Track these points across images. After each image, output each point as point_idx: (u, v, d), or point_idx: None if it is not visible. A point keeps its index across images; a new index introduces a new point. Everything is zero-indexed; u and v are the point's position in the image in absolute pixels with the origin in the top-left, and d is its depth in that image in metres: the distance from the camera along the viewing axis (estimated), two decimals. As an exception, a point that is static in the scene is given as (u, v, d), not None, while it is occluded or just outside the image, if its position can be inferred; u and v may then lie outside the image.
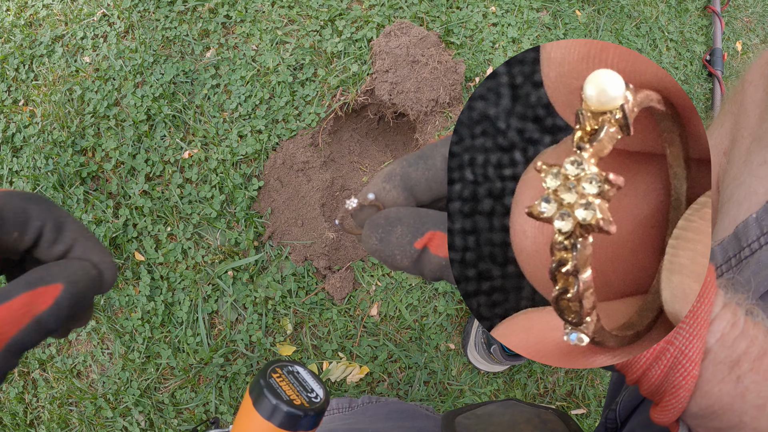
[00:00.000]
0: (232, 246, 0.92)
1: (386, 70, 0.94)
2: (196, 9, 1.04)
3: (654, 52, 1.18)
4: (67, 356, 0.92)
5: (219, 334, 0.91)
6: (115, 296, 0.91)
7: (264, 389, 0.33)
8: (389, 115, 0.99)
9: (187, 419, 0.90)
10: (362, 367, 0.91)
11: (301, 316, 0.92)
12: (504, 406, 0.45)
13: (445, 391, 0.94)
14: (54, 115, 0.98)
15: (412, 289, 0.95)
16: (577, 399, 0.98)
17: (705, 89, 1.20)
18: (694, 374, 0.20)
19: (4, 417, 0.91)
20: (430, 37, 0.97)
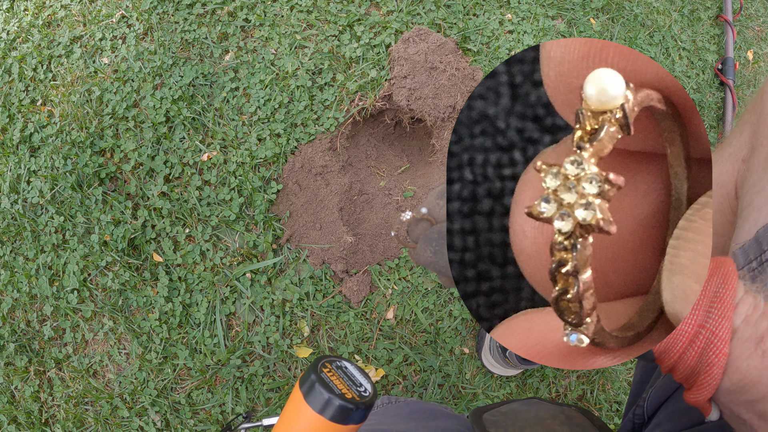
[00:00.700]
0: (251, 248, 0.93)
1: (404, 76, 0.95)
2: (215, 12, 1.05)
3: (667, 60, 1.19)
4: (84, 356, 0.92)
5: (236, 336, 0.92)
6: (133, 297, 0.91)
7: (316, 383, 0.34)
8: (406, 121, 1.00)
9: (203, 420, 0.90)
10: (378, 369, 0.92)
11: (318, 319, 0.93)
12: (527, 404, 0.46)
13: (459, 394, 0.95)
14: (72, 115, 0.98)
15: (427, 293, 0.96)
16: (588, 403, 0.99)
17: (717, 98, 1.21)
18: (725, 352, 0.21)
19: (20, 415, 0.91)
20: (448, 43, 0.97)
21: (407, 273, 0.95)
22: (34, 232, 0.95)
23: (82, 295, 0.92)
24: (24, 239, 0.94)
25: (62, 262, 0.93)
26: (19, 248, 0.95)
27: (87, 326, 0.93)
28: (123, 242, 0.92)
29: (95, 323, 0.93)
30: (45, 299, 0.93)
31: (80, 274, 0.92)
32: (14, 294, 0.93)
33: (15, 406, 0.92)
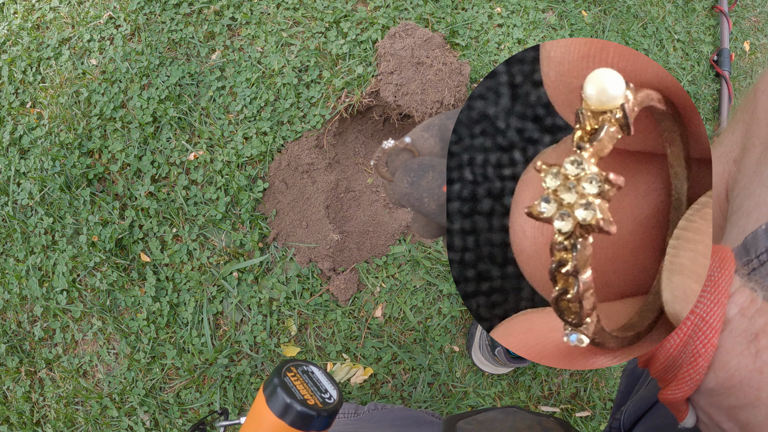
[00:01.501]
0: (237, 247, 0.92)
1: (391, 72, 0.94)
2: (202, 11, 1.05)
3: (661, 52, 1.17)
4: (74, 356, 0.92)
5: (224, 335, 0.91)
6: (121, 297, 0.92)
7: (278, 387, 0.33)
8: (394, 117, 0.99)
9: (191, 419, 0.90)
10: (366, 368, 0.91)
11: (306, 318, 0.92)
12: (505, 413, 0.45)
13: (449, 392, 0.94)
14: (61, 117, 0.99)
15: (416, 290, 0.95)
16: (581, 401, 0.98)
17: (713, 90, 1.19)
18: (714, 342, 0.19)
19: (12, 416, 0.92)
20: (435, 38, 0.97)
21: (395, 270, 0.94)
22: (24, 234, 0.95)
23: (71, 296, 0.93)
24: (14, 241, 0.95)
25: (51, 263, 0.93)
26: (9, 250, 0.95)
27: (76, 327, 0.93)
28: (111, 242, 0.92)
29: (84, 323, 0.93)
30: (35, 300, 0.93)
31: (69, 274, 0.93)
32: (5, 295, 0.94)
33: (7, 406, 0.93)
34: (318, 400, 0.34)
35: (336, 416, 0.35)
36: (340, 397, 0.36)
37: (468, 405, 0.94)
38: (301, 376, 0.35)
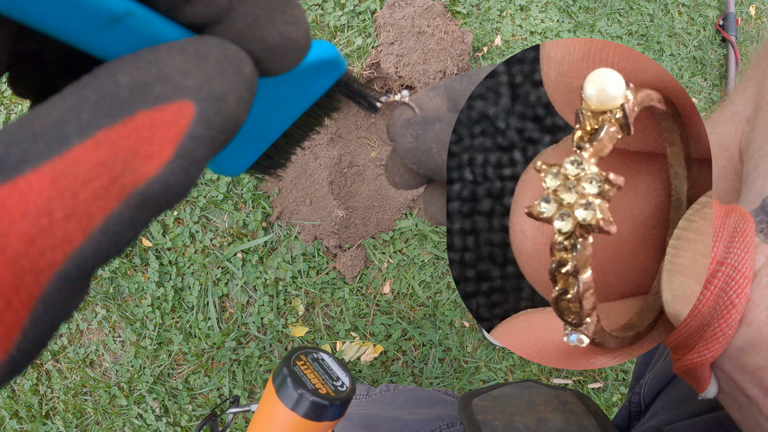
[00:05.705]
0: (240, 228, 0.91)
1: (391, 43, 0.92)
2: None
3: (666, 17, 1.14)
4: (79, 346, 0.91)
5: (230, 318, 0.90)
6: (124, 284, 0.90)
7: (288, 378, 0.32)
8: (396, 89, 0.96)
9: (201, 404, 0.89)
10: (376, 346, 0.89)
11: (313, 297, 0.90)
12: (521, 387, 0.44)
13: (460, 367, 0.92)
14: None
15: (424, 265, 0.93)
16: (593, 373, 0.97)
17: (719, 55, 1.17)
18: (747, 293, 0.18)
19: (20, 409, 0.90)
20: (436, 6, 0.94)
21: (402, 245, 0.93)
22: (21, 223, 0.93)
23: (72, 284, 0.91)
24: (11, 230, 0.93)
25: (51, 251, 0.91)
26: (7, 239, 0.93)
27: (80, 316, 0.91)
28: (111, 228, 0.90)
29: (89, 312, 0.91)
30: (36, 290, 0.91)
31: (69, 262, 0.91)
32: (5, 286, 0.92)
33: (15, 400, 0.91)
34: (330, 388, 0.33)
35: (349, 404, 0.33)
36: (352, 384, 0.34)
37: (480, 380, 0.93)
38: (311, 364, 0.34)
